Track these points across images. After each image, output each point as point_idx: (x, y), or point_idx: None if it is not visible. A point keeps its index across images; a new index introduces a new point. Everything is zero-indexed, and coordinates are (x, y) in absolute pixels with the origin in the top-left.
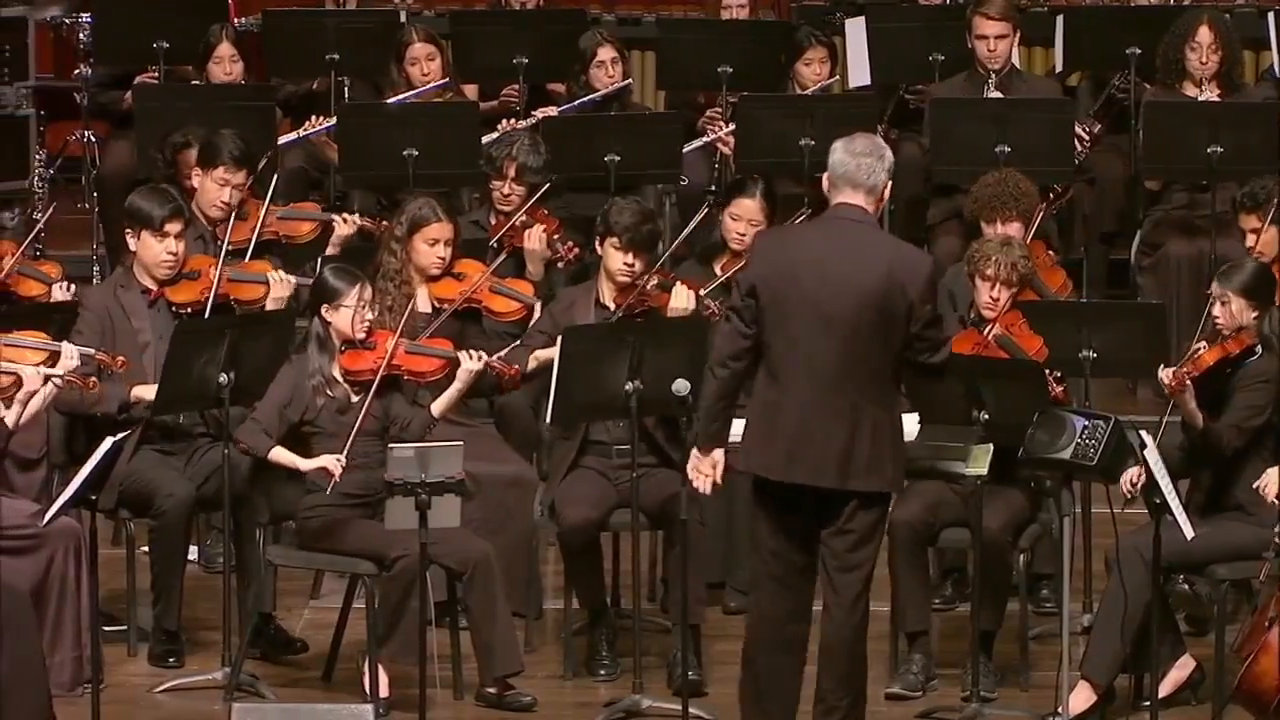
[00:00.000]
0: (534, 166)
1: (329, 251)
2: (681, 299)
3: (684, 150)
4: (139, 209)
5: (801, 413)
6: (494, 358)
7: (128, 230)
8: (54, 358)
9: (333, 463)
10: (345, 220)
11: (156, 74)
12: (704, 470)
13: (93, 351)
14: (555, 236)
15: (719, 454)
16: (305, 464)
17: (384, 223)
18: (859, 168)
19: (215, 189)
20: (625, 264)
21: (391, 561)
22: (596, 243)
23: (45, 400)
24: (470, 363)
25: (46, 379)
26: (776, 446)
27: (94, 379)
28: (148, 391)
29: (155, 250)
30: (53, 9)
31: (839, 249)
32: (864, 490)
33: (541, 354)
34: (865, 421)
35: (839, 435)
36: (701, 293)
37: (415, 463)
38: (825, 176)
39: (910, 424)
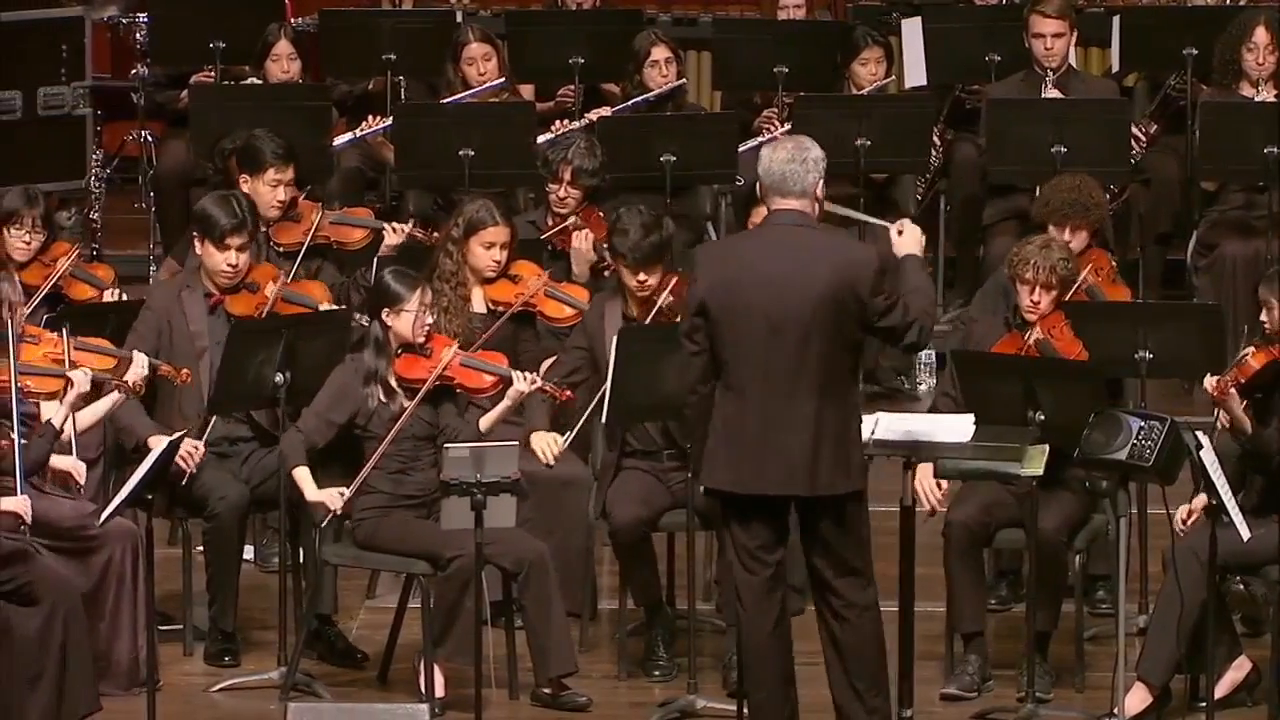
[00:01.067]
0: (589, 169)
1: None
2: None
3: (740, 150)
4: (205, 216)
5: (763, 423)
6: (548, 381)
7: (194, 234)
8: (124, 365)
9: (335, 498)
10: (396, 230)
11: (212, 73)
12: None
13: (159, 363)
14: (603, 243)
15: None
16: (311, 495)
17: (434, 233)
18: (785, 176)
19: (269, 191)
20: (639, 282)
21: (447, 561)
22: (610, 256)
23: (113, 405)
24: (521, 384)
25: (99, 385)
26: (742, 459)
27: (186, 370)
28: (159, 444)
29: (216, 260)
30: (110, 8)
31: (781, 254)
32: (832, 494)
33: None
34: (827, 426)
35: (802, 442)
36: None
37: (470, 463)
38: (757, 184)
39: (965, 424)
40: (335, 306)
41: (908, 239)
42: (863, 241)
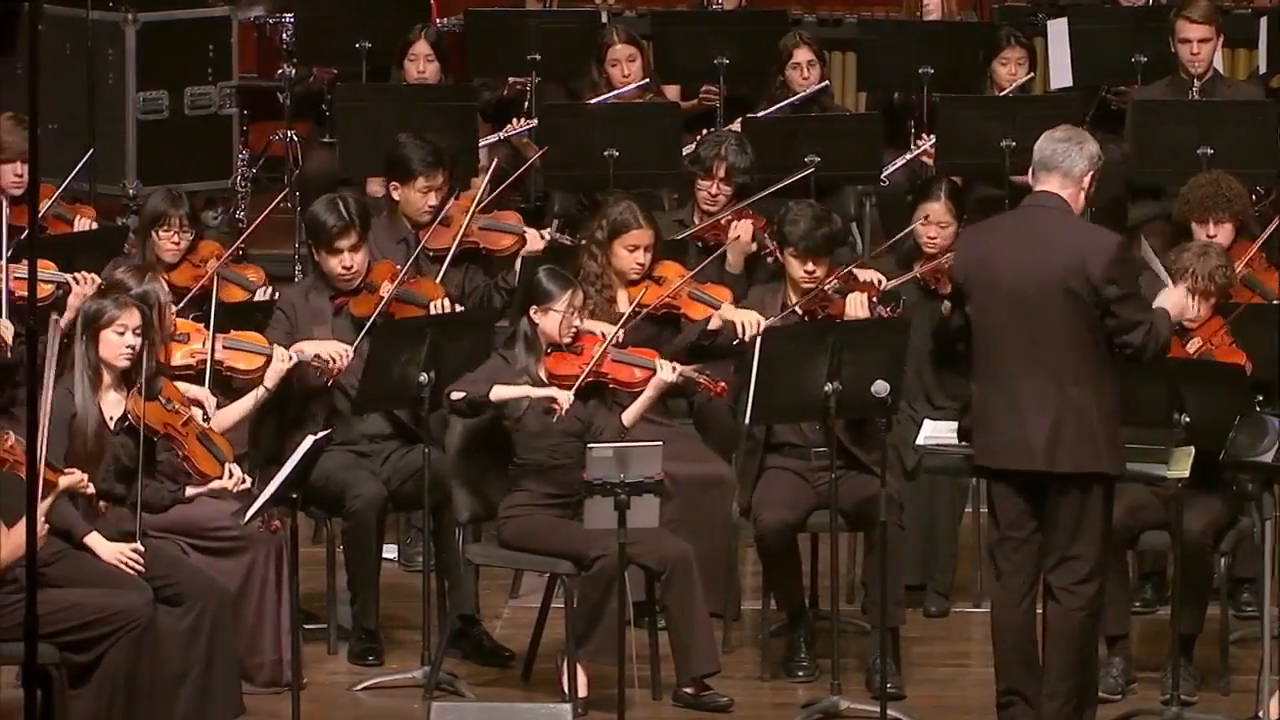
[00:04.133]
0: (742, 166)
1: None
2: (854, 307)
3: (885, 172)
4: (312, 223)
5: (1007, 399)
6: (699, 372)
7: (309, 240)
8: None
9: (564, 396)
10: (543, 236)
11: (334, 71)
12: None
13: (308, 358)
14: (761, 229)
15: None
16: (536, 391)
17: (581, 238)
18: (1054, 153)
19: (419, 198)
20: (806, 272)
21: (591, 561)
22: (778, 250)
23: (255, 403)
24: (665, 374)
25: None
26: (988, 433)
27: (337, 366)
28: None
29: (330, 264)
30: (256, 8)
31: (1029, 235)
32: (1072, 472)
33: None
34: (1069, 405)
35: (1043, 419)
36: (874, 298)
37: (614, 463)
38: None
39: None
40: (444, 304)
41: (1172, 299)
42: (1108, 230)
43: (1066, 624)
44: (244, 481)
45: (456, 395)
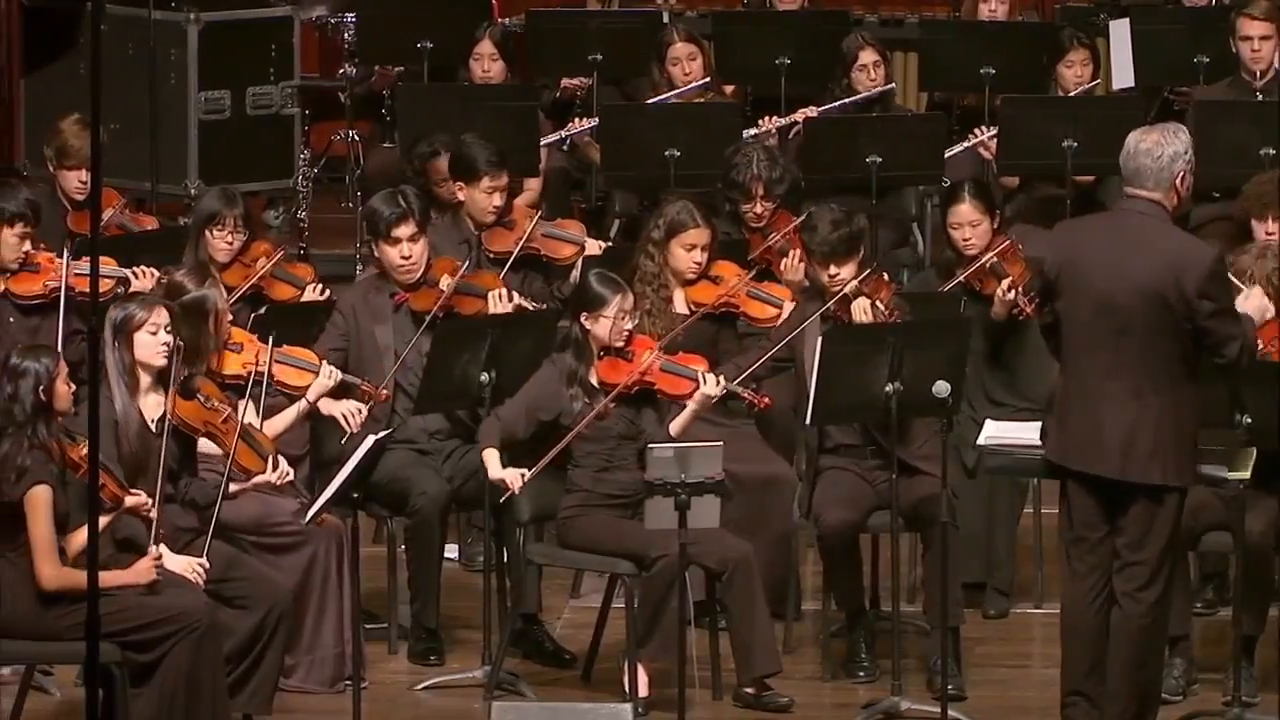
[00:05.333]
0: (777, 177)
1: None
2: (859, 313)
3: (947, 155)
4: (370, 215)
5: (1086, 400)
6: (743, 386)
7: (369, 236)
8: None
9: (516, 478)
10: (600, 247)
11: (395, 71)
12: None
13: (358, 381)
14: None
15: None
16: (494, 473)
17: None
18: (1147, 157)
19: (484, 198)
20: (830, 275)
21: (651, 561)
22: (804, 254)
23: (299, 414)
24: (709, 388)
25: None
26: (1065, 432)
27: (385, 392)
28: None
29: (390, 255)
30: (318, 8)
31: (1123, 240)
32: (1143, 482)
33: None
34: (1148, 412)
35: (1121, 424)
36: (885, 302)
37: (675, 463)
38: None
39: None
40: (504, 297)
41: (1251, 306)
42: (1206, 242)
43: (1127, 628)
44: (288, 475)
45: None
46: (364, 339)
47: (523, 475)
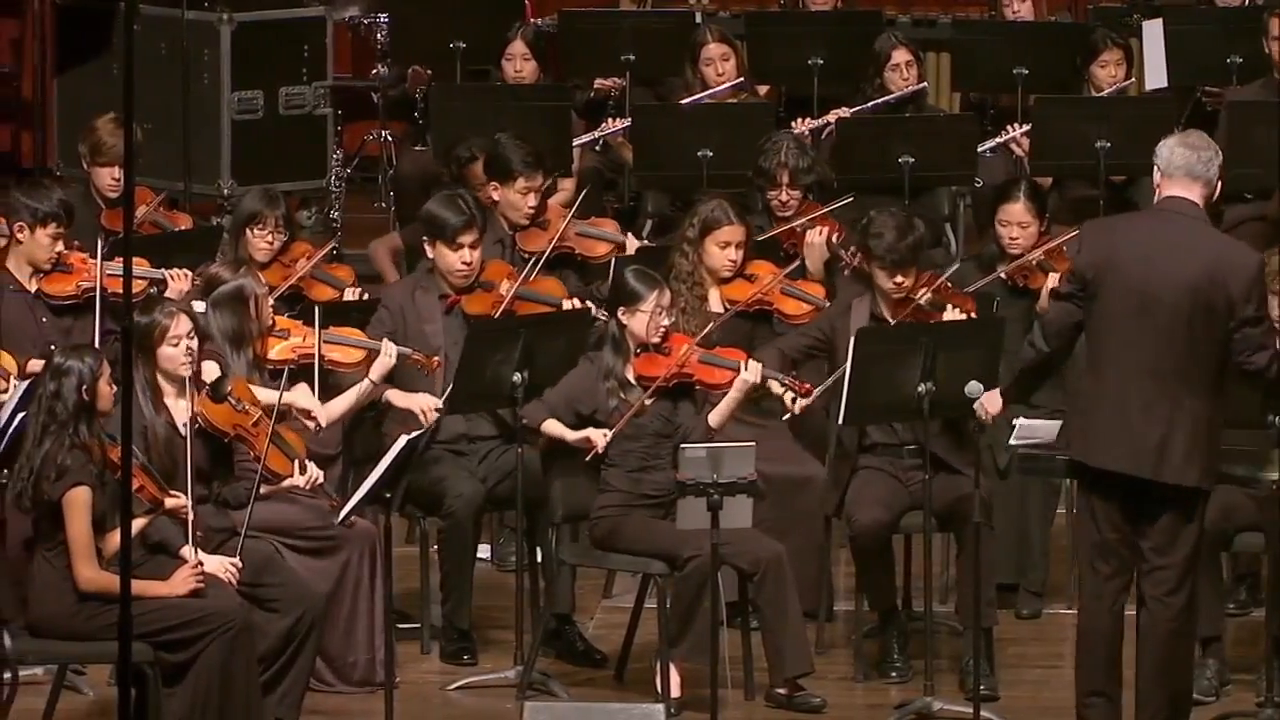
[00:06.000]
0: (804, 167)
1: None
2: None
3: (979, 150)
4: (433, 218)
5: (1121, 401)
6: (786, 376)
7: (424, 237)
8: (372, 357)
9: (599, 436)
10: (631, 245)
11: (429, 72)
12: (990, 406)
13: (410, 352)
14: (836, 239)
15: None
16: (573, 436)
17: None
18: (1199, 160)
19: (519, 198)
20: (895, 283)
21: (684, 562)
22: (851, 258)
23: (360, 396)
24: (749, 374)
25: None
26: (1095, 433)
27: (436, 359)
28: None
29: (450, 260)
30: (351, 9)
31: (1165, 242)
32: (1175, 483)
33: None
34: (1183, 414)
35: (1156, 426)
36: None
37: (708, 463)
38: (1157, 169)
39: None
40: (574, 303)
41: None
42: (1250, 248)
43: (1156, 632)
44: (317, 478)
45: (523, 417)
46: (412, 337)
47: (605, 435)
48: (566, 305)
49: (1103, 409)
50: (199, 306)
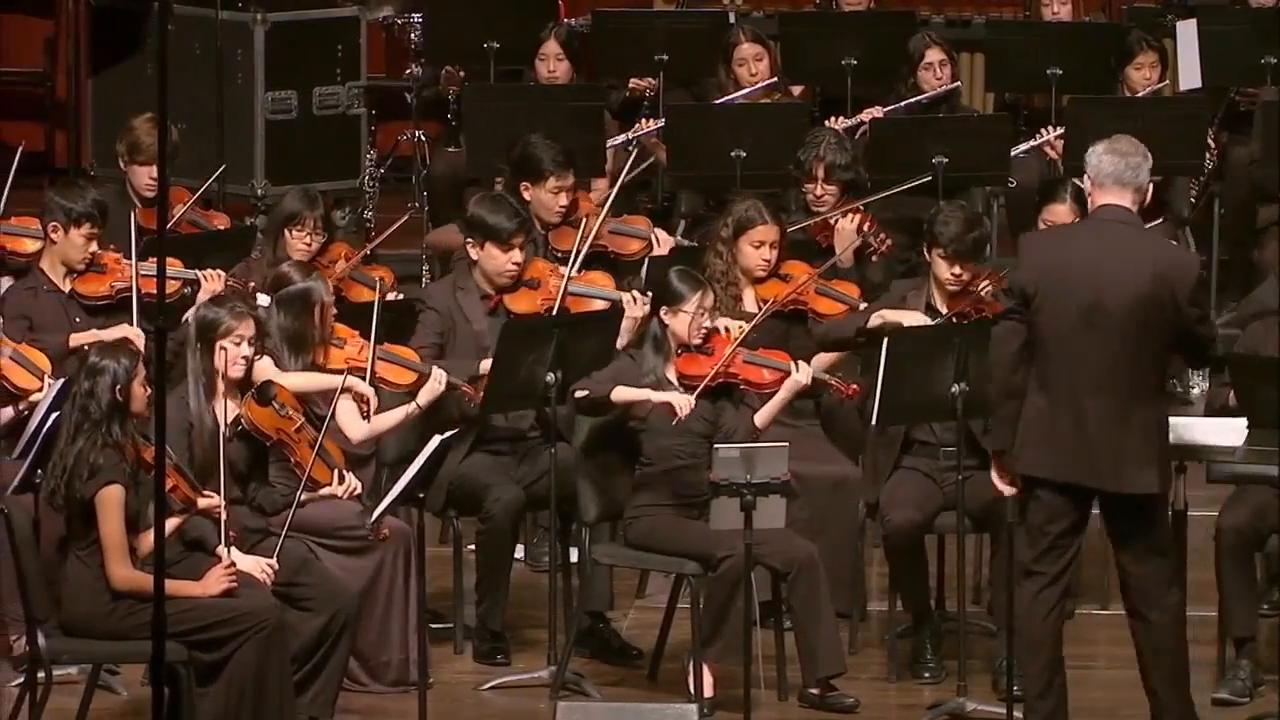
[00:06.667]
0: (842, 164)
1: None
2: None
3: (1013, 153)
4: (483, 221)
5: (1074, 414)
6: (833, 376)
7: (468, 240)
8: (421, 380)
9: (684, 401)
10: (661, 241)
11: (463, 73)
12: (1005, 482)
13: (459, 383)
14: (868, 228)
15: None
16: (657, 397)
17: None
18: (1127, 166)
19: (550, 198)
20: (953, 274)
21: (717, 562)
22: (925, 249)
23: (407, 415)
24: (800, 376)
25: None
26: (1052, 447)
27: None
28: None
29: (499, 262)
30: (385, 9)
31: (1108, 250)
32: (1137, 493)
33: (627, 393)
34: (1135, 423)
35: (1110, 437)
36: None
37: (741, 463)
38: (1087, 178)
39: (1238, 428)
40: (636, 298)
41: None
42: (1188, 250)
43: (1163, 640)
44: (356, 489)
45: (580, 393)
46: (462, 338)
47: (690, 401)
48: (627, 299)
49: (1055, 423)
50: (263, 300)
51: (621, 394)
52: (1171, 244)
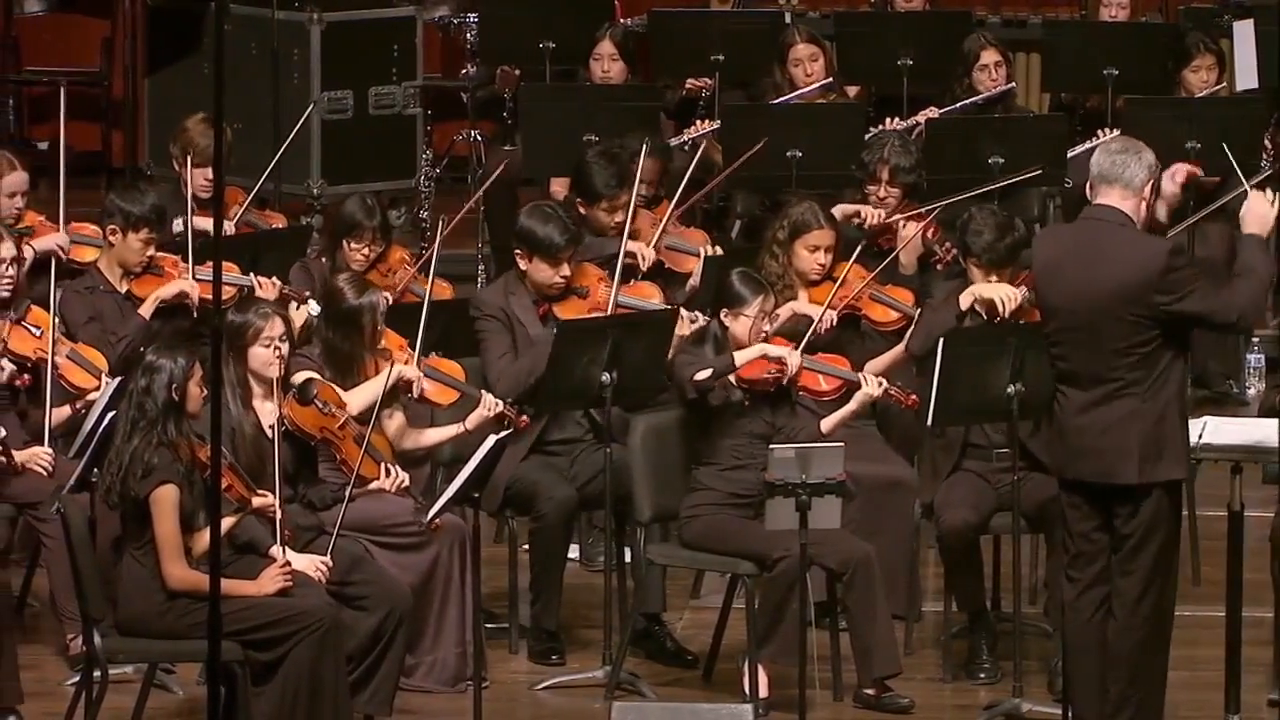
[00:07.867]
0: (906, 166)
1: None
2: None
3: (1069, 154)
4: (533, 234)
5: (1073, 409)
6: (894, 386)
7: (518, 250)
8: (466, 399)
9: (795, 358)
10: (711, 250)
11: (518, 73)
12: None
13: (511, 412)
14: (932, 235)
15: None
16: (773, 350)
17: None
18: (1114, 165)
19: (604, 216)
20: (989, 283)
21: (772, 562)
22: (946, 254)
23: (458, 433)
24: (871, 388)
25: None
26: (1059, 443)
27: (525, 418)
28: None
29: (548, 275)
30: (441, 9)
31: (1085, 248)
32: (1137, 483)
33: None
34: (1130, 414)
35: (1107, 430)
36: None
37: (796, 464)
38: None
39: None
40: (684, 313)
41: (1252, 216)
42: (1159, 238)
43: (1122, 643)
44: (403, 482)
45: (702, 375)
46: (522, 342)
47: (802, 356)
48: (664, 310)
49: (1061, 420)
50: (314, 309)
51: (742, 357)
52: (1142, 237)
